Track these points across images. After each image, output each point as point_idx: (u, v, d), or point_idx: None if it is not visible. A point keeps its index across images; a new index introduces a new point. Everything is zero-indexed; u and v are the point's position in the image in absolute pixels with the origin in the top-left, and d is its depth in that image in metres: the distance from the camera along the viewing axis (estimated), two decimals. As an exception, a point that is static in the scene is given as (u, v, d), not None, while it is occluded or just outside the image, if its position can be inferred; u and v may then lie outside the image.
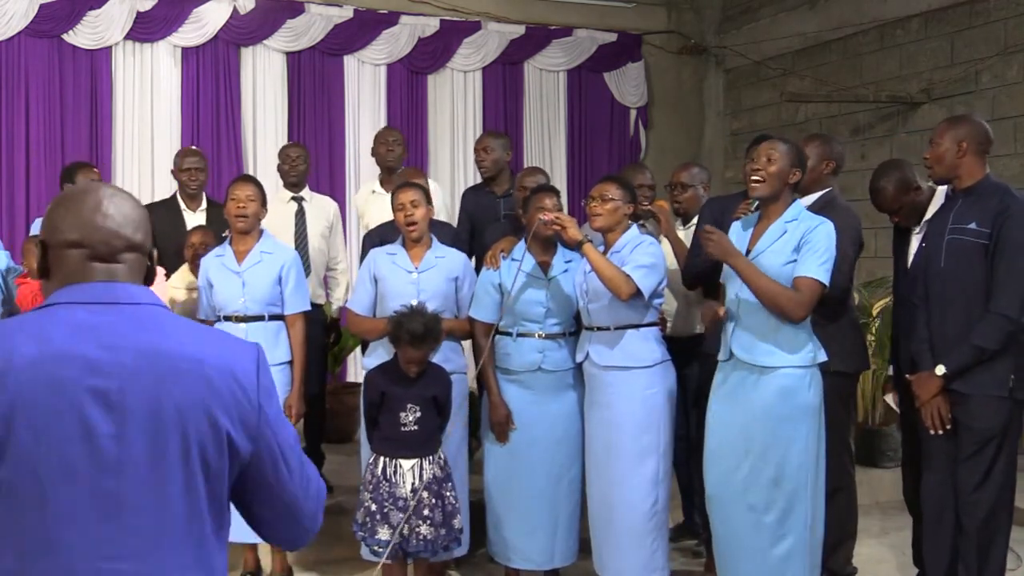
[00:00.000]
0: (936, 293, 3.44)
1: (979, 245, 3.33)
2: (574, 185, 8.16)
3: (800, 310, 3.29)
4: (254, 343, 1.61)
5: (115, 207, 1.55)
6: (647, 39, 8.47)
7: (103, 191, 1.57)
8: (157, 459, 1.43)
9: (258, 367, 1.55)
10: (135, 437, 1.42)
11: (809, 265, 3.29)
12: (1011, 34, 6.00)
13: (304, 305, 4.25)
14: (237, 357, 1.53)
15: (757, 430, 3.37)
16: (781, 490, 3.36)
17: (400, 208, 4.03)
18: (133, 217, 1.56)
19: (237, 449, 1.50)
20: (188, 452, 1.44)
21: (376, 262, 4.13)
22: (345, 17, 7.49)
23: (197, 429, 1.45)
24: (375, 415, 3.78)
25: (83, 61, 6.90)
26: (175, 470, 1.44)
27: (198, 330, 1.57)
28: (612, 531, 3.83)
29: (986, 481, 3.34)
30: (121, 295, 1.50)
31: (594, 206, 3.82)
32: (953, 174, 3.46)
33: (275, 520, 1.62)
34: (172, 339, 1.48)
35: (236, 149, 7.24)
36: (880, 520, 5.15)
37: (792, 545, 3.38)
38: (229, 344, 1.56)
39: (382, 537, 3.62)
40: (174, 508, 1.44)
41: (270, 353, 4.01)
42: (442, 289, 4.05)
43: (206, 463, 1.46)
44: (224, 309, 4.12)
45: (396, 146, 5.37)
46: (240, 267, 4.13)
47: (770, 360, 3.35)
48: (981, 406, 3.33)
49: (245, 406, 1.51)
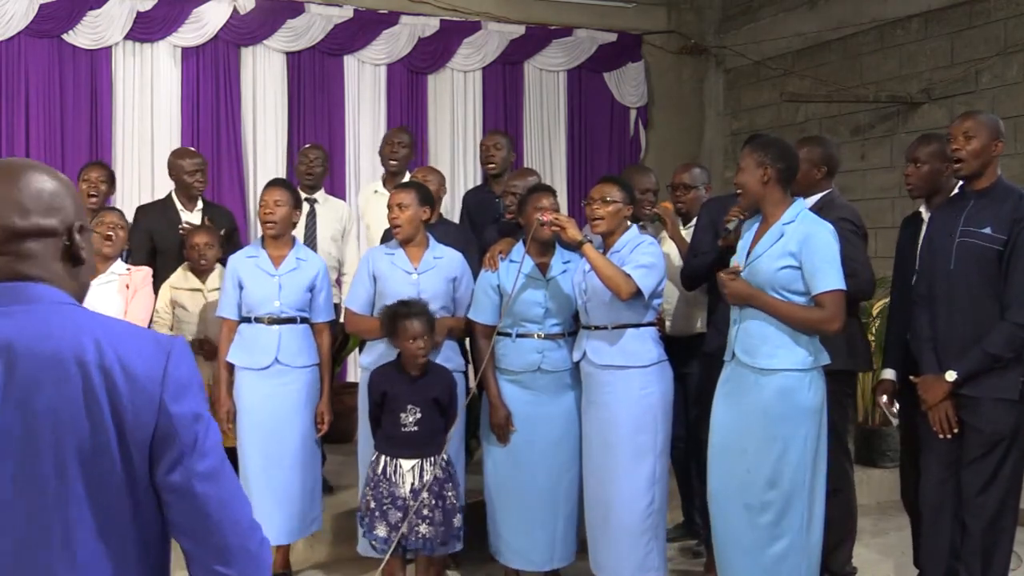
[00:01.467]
0: (943, 294, 3.41)
1: (993, 251, 3.28)
2: (574, 185, 8.15)
3: (835, 323, 3.29)
4: (173, 336, 1.44)
5: (19, 185, 1.36)
6: (647, 39, 8.46)
7: (9, 167, 1.38)
8: (30, 475, 1.28)
9: (167, 360, 1.37)
10: (6, 452, 1.28)
11: (825, 278, 3.28)
12: (1011, 34, 6.00)
13: (331, 314, 4.34)
14: (135, 349, 1.35)
15: (754, 430, 3.37)
16: (777, 490, 3.35)
17: (389, 209, 4.08)
18: (17, 199, 1.36)
19: (132, 448, 1.33)
20: (63, 464, 1.29)
21: (374, 261, 4.14)
22: (345, 17, 7.49)
23: (74, 436, 1.30)
24: (378, 415, 3.81)
25: (83, 61, 6.89)
26: (50, 486, 1.29)
27: (94, 324, 1.37)
28: (608, 530, 3.83)
29: (992, 484, 3.33)
30: (16, 295, 1.34)
31: (595, 208, 3.82)
32: (982, 172, 3.36)
33: (203, 555, 1.40)
34: (51, 338, 1.32)
35: (236, 149, 7.23)
36: (880, 520, 5.15)
37: (787, 546, 3.37)
38: (129, 336, 1.37)
39: (380, 534, 3.67)
40: (49, 526, 1.29)
41: (303, 355, 4.14)
42: (441, 289, 4.06)
43: (87, 473, 1.30)
44: (256, 310, 4.14)
45: (401, 148, 5.34)
46: (277, 271, 4.16)
47: (771, 363, 3.34)
48: (991, 409, 3.30)
49: (138, 402, 1.33)
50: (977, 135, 3.33)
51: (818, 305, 3.30)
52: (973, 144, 3.33)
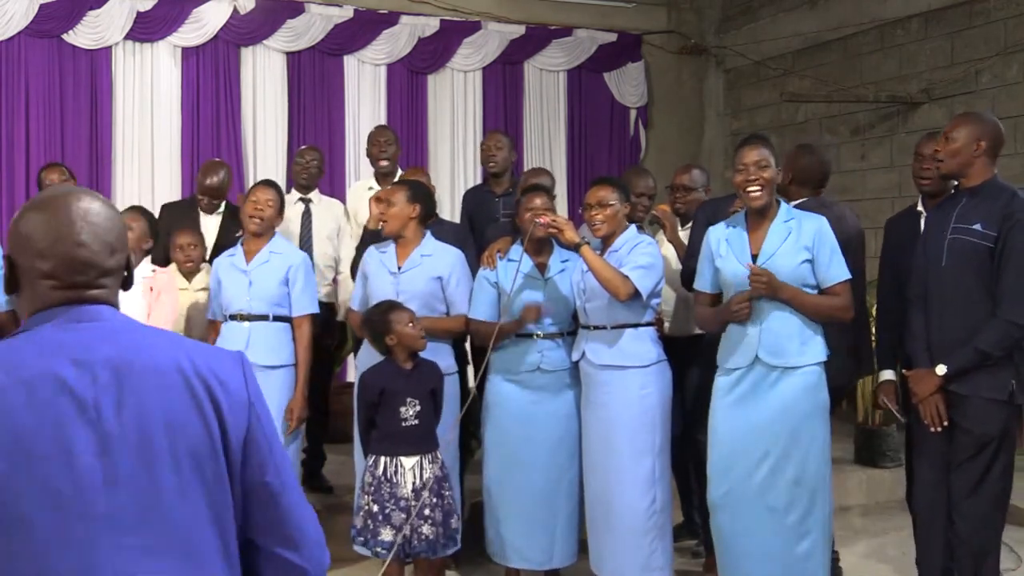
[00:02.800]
0: (936, 293, 3.41)
1: (984, 247, 3.28)
2: (574, 185, 8.15)
3: (850, 312, 3.48)
4: (237, 351, 1.56)
5: (90, 231, 1.44)
6: (647, 39, 8.47)
7: (76, 209, 1.45)
8: (148, 474, 1.36)
9: (244, 371, 1.50)
10: (121, 454, 1.35)
11: (838, 269, 3.43)
12: (1011, 34, 6.00)
13: (311, 307, 4.21)
14: (219, 361, 1.48)
15: (778, 430, 3.38)
16: (803, 488, 3.38)
17: (377, 205, 4.10)
18: (108, 240, 1.47)
19: (230, 451, 1.44)
20: (179, 463, 1.38)
21: (367, 260, 4.16)
22: (345, 17, 7.49)
23: (186, 438, 1.39)
24: (372, 416, 3.77)
25: (83, 61, 6.90)
26: (169, 483, 1.37)
27: (173, 340, 1.50)
28: (609, 531, 3.83)
29: (982, 485, 3.30)
30: (91, 315, 1.43)
31: (594, 214, 3.82)
32: (963, 172, 3.38)
33: (274, 544, 1.50)
34: (145, 349, 1.42)
35: (236, 149, 7.24)
36: (880, 520, 5.15)
37: (813, 542, 3.40)
38: (209, 351, 1.51)
39: (385, 538, 3.60)
40: (172, 523, 1.37)
41: (274, 354, 4.05)
42: (422, 289, 4.01)
43: (201, 470, 1.40)
44: (229, 308, 4.13)
45: (388, 146, 5.37)
46: (248, 266, 4.14)
47: (801, 359, 3.40)
48: (980, 409, 3.29)
49: (233, 406, 1.45)
50: (958, 136, 3.37)
51: (833, 295, 3.43)
52: (952, 144, 3.37)
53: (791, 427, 3.37)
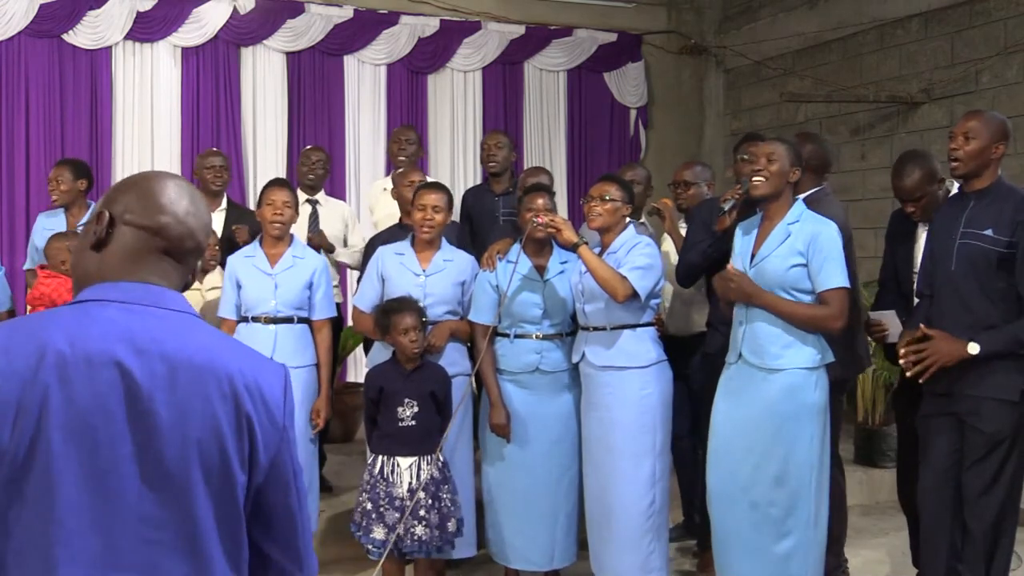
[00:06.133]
0: (943, 296, 3.41)
1: (994, 252, 3.27)
2: (574, 185, 8.16)
3: (838, 321, 3.35)
4: (281, 364, 1.57)
5: (198, 208, 1.51)
6: (647, 39, 8.47)
7: (191, 188, 1.54)
8: (179, 473, 1.38)
9: (285, 388, 1.51)
10: (160, 448, 1.37)
11: (831, 275, 3.34)
12: (1011, 34, 6.00)
13: (331, 311, 4.33)
14: (267, 376, 1.48)
15: (762, 428, 3.38)
16: (784, 488, 3.37)
17: (422, 209, 4.02)
18: (206, 222, 1.54)
19: (256, 468, 1.45)
20: (210, 470, 1.39)
21: (383, 261, 4.13)
22: (345, 17, 7.49)
23: (220, 446, 1.40)
24: (373, 414, 3.80)
25: (83, 61, 6.90)
26: (196, 485, 1.38)
27: (229, 343, 1.51)
28: (609, 531, 3.83)
29: (994, 485, 3.32)
30: (157, 298, 1.44)
31: (593, 206, 3.82)
32: (979, 173, 3.35)
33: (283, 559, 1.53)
34: (204, 351, 1.42)
35: (236, 149, 7.23)
36: (880, 520, 5.15)
37: (794, 543, 3.39)
38: (259, 361, 1.51)
39: (377, 536, 3.65)
40: (194, 527, 1.39)
41: (299, 355, 4.11)
42: (448, 293, 4.05)
43: (225, 480, 1.41)
44: (253, 310, 4.14)
45: (408, 145, 5.39)
46: (273, 270, 4.16)
47: (779, 362, 3.37)
48: (992, 410, 3.29)
49: (268, 427, 1.46)
50: (978, 136, 3.31)
51: (822, 302, 3.35)
52: (972, 145, 3.32)
53: (774, 426, 3.37)
